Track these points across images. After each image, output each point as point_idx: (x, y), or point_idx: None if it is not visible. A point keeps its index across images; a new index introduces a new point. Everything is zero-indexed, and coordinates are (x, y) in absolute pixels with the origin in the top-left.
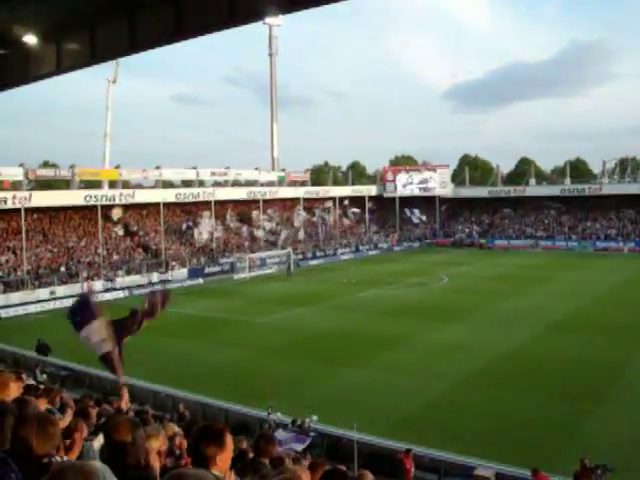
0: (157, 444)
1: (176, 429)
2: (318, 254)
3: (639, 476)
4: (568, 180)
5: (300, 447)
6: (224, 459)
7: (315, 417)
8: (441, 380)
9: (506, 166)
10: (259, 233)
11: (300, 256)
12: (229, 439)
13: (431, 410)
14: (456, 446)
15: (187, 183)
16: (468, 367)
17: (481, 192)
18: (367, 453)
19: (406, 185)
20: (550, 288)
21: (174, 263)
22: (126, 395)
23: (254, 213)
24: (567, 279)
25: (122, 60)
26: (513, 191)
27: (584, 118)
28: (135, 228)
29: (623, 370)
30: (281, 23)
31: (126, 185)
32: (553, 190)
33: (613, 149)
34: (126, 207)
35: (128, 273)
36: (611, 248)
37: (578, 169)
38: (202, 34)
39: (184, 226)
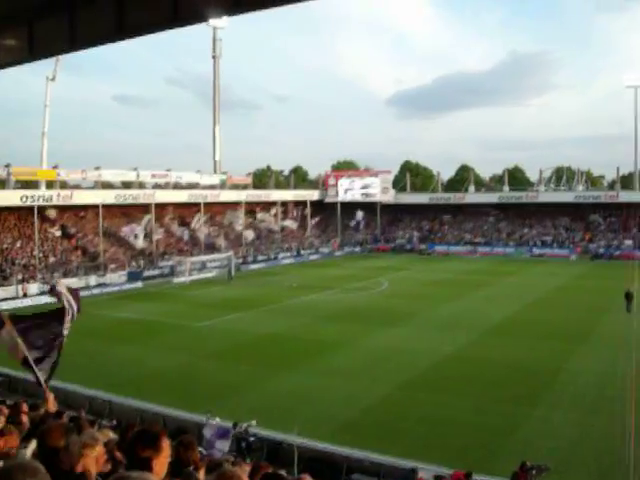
0: (94, 450)
1: (111, 435)
2: (259, 258)
3: (574, 476)
4: (506, 188)
5: (226, 446)
6: (160, 463)
7: (254, 422)
8: (381, 384)
9: (447, 173)
10: (199, 236)
11: (241, 260)
12: (165, 443)
13: (371, 414)
14: (396, 449)
15: (127, 185)
16: (408, 371)
17: (422, 198)
18: (307, 458)
19: (348, 190)
20: (488, 293)
21: (113, 266)
22: (51, 397)
23: (195, 216)
24: (504, 284)
25: (63, 58)
26: (453, 198)
27: (523, 127)
28: (73, 230)
29: (557, 373)
30: (225, 25)
31: (64, 186)
32: (492, 197)
33: (550, 158)
34: (64, 208)
35: (65, 276)
36: (547, 254)
37: (516, 177)
38: (144, 34)
39: (125, 229)
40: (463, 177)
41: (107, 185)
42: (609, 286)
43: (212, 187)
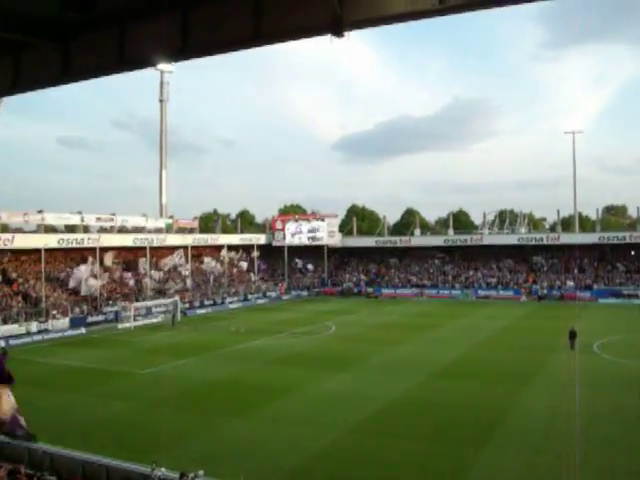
0: None
1: None
2: (206, 303)
3: None
4: (451, 231)
5: None
6: None
7: (202, 472)
8: (330, 429)
9: (393, 216)
10: (146, 281)
11: (187, 305)
12: None
13: (320, 460)
14: None
15: (71, 229)
16: (356, 416)
17: (368, 242)
18: None
19: (295, 234)
20: (435, 335)
21: (55, 312)
22: None
23: (141, 260)
24: (451, 326)
25: (7, 98)
26: (399, 241)
27: (467, 172)
28: (14, 275)
29: (505, 414)
30: (173, 69)
31: (5, 229)
32: (437, 240)
33: (493, 201)
34: (4, 252)
35: (5, 322)
36: (492, 296)
37: (461, 220)
38: (90, 78)
39: (66, 274)
40: (409, 220)
41: (50, 229)
42: (554, 326)
43: (158, 231)
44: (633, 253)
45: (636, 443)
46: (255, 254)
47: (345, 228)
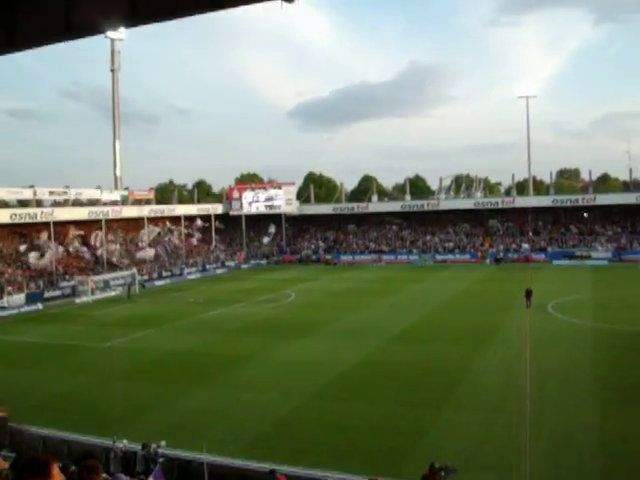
0: None
1: (6, 466)
2: (164, 274)
3: (481, 474)
4: (408, 196)
5: None
6: None
7: (163, 442)
8: (291, 396)
9: (350, 183)
10: (101, 254)
11: (145, 277)
12: (55, 471)
13: (282, 426)
14: (308, 460)
15: (23, 203)
16: (317, 381)
17: (326, 209)
18: (218, 475)
19: (252, 203)
20: (394, 300)
21: (10, 288)
22: None
23: (96, 233)
24: (409, 291)
25: None
26: (357, 208)
27: (423, 137)
28: None
29: (463, 375)
30: (123, 37)
31: None
32: (394, 206)
33: (449, 167)
34: None
35: None
36: (449, 260)
37: (417, 186)
38: (35, 46)
39: (21, 249)
40: (366, 187)
41: (2, 204)
42: (510, 288)
43: (114, 203)
44: (586, 215)
45: (588, 399)
46: (213, 224)
47: (302, 196)
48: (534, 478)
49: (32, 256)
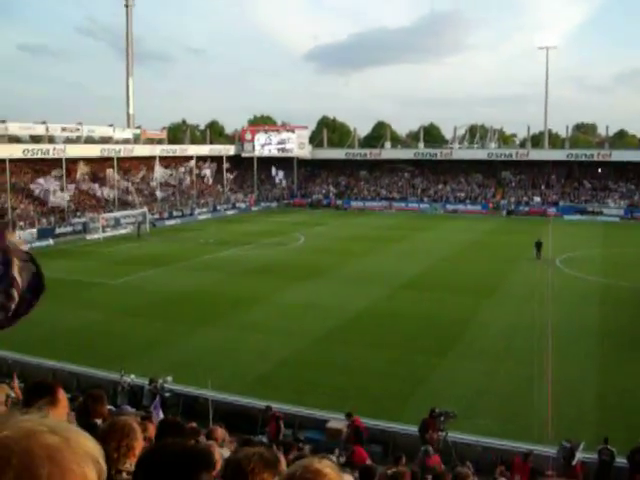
0: None
1: (10, 392)
2: (175, 214)
3: (480, 421)
4: (422, 144)
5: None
6: (58, 414)
7: (170, 377)
8: (298, 338)
9: (363, 129)
10: (114, 192)
11: (157, 216)
12: (62, 395)
13: (288, 367)
14: (312, 401)
15: (36, 139)
16: (324, 325)
17: (338, 154)
18: (223, 411)
19: (264, 145)
20: (403, 248)
21: (22, 223)
22: None
23: (108, 171)
24: (419, 239)
25: None
26: (369, 154)
27: (439, 85)
28: None
29: (467, 325)
30: None
31: None
32: (407, 154)
33: (464, 116)
34: None
35: None
36: (460, 210)
37: (431, 134)
38: None
39: (36, 184)
40: (380, 133)
41: (14, 139)
42: (519, 241)
43: (126, 141)
44: (600, 171)
45: (591, 353)
46: (225, 165)
47: (315, 140)
48: (534, 427)
49: (44, 191)
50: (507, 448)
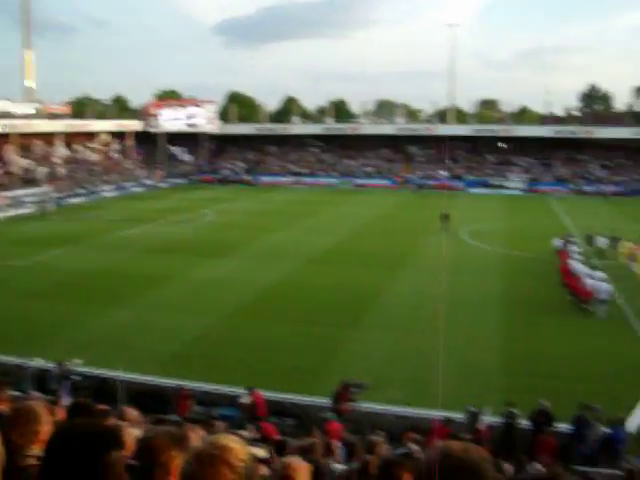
0: None
1: None
2: (80, 192)
3: (391, 392)
4: (330, 120)
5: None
6: None
7: (79, 360)
8: (208, 315)
9: (272, 104)
10: (14, 169)
11: (61, 194)
12: None
13: (199, 345)
14: (225, 377)
15: None
16: (234, 301)
17: (247, 129)
18: (135, 392)
19: (172, 120)
20: (313, 223)
21: None
22: None
23: (7, 148)
24: (328, 214)
25: None
26: (278, 129)
27: (347, 61)
28: None
29: (376, 297)
30: None
31: None
32: (316, 129)
33: (372, 92)
34: None
35: None
36: (369, 185)
37: (340, 109)
38: None
39: None
40: (289, 108)
41: None
42: (426, 214)
43: (26, 116)
44: (502, 146)
45: (496, 321)
46: (131, 141)
47: (224, 115)
48: (444, 394)
49: None
50: (418, 416)
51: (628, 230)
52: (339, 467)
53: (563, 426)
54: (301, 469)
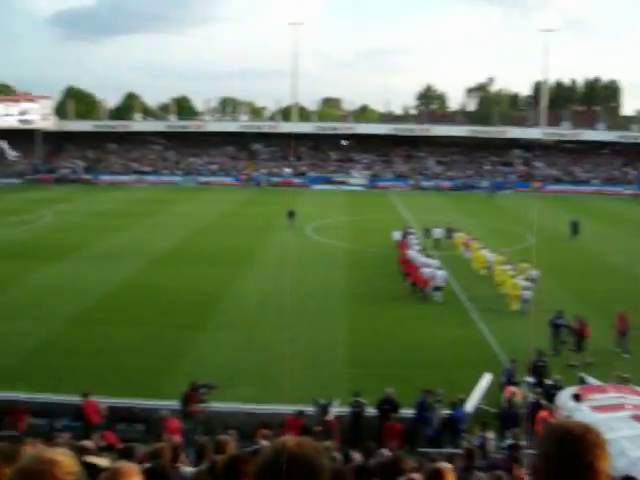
0: None
1: None
2: None
3: (242, 388)
4: (173, 117)
5: None
6: None
7: None
8: (49, 322)
9: (112, 100)
10: None
11: None
12: None
13: (39, 355)
14: (68, 387)
15: None
16: (76, 306)
17: (86, 126)
18: None
19: (2, 116)
20: (156, 222)
21: None
22: None
23: None
24: (172, 213)
25: None
26: (119, 126)
27: (192, 57)
28: None
29: (223, 296)
30: None
31: None
32: (159, 126)
33: (216, 89)
34: None
35: None
36: (213, 182)
37: (183, 107)
38: None
39: None
40: (130, 105)
41: None
42: (271, 211)
43: None
44: (345, 143)
45: (341, 314)
46: None
47: (61, 111)
48: (293, 388)
49: None
50: (269, 412)
51: (462, 223)
52: (188, 470)
53: (408, 411)
54: (130, 473)
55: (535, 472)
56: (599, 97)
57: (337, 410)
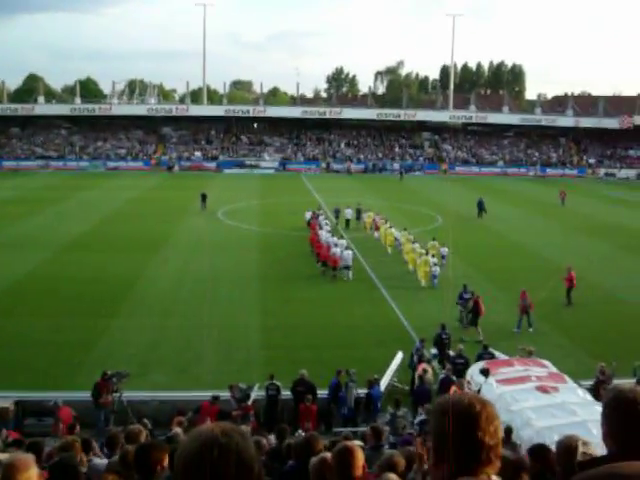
0: None
1: None
2: None
3: (156, 375)
4: (79, 99)
5: None
6: None
7: None
8: None
9: (13, 82)
10: None
11: None
12: None
13: None
14: None
15: None
16: None
17: None
18: None
19: None
20: (62, 209)
21: None
22: None
23: None
24: (79, 199)
25: None
26: (21, 109)
27: (97, 38)
28: None
29: (135, 283)
30: None
31: None
32: (64, 109)
33: (123, 71)
34: None
35: None
36: (122, 167)
37: (89, 89)
38: None
39: None
40: (32, 87)
41: None
42: (183, 195)
43: None
44: (256, 126)
45: (254, 298)
46: None
47: None
48: (208, 373)
49: None
50: (184, 399)
51: (373, 204)
52: (100, 461)
53: (323, 392)
54: (27, 465)
55: (431, 448)
56: (504, 81)
57: (254, 394)
